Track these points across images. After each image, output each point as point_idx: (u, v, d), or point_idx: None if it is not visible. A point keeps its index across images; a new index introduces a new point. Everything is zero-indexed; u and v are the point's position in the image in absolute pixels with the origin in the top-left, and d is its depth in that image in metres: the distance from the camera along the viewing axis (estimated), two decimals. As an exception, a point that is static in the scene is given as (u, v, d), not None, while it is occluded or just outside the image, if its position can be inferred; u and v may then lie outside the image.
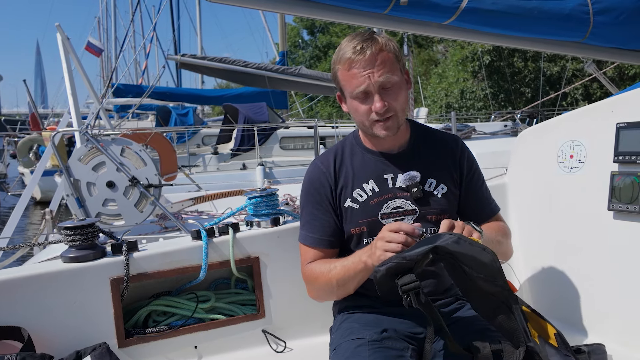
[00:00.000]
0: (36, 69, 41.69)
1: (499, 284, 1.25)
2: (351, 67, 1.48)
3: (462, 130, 6.41)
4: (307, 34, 35.87)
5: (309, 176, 1.68)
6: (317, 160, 1.70)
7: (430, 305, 1.27)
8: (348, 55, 1.48)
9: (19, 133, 15.52)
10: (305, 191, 1.68)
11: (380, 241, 1.36)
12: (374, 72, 1.47)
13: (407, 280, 1.23)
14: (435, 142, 1.68)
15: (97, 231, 1.76)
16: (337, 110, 28.98)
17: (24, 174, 13.36)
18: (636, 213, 1.67)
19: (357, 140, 1.68)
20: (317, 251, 1.64)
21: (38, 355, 1.47)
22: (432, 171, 1.62)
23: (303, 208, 1.69)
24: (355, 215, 1.59)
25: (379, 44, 1.48)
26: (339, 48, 1.54)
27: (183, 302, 1.86)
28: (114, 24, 31.99)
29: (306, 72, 10.05)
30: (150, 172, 4.07)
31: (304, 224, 1.68)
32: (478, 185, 1.71)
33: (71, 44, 5.23)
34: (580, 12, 2.43)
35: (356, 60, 1.47)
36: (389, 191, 1.59)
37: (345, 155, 1.66)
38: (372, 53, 1.46)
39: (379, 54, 1.47)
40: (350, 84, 1.50)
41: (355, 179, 1.61)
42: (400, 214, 1.58)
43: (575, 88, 18.67)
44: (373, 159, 1.63)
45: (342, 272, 1.52)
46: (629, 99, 1.79)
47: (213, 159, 11.27)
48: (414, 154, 1.64)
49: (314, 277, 1.61)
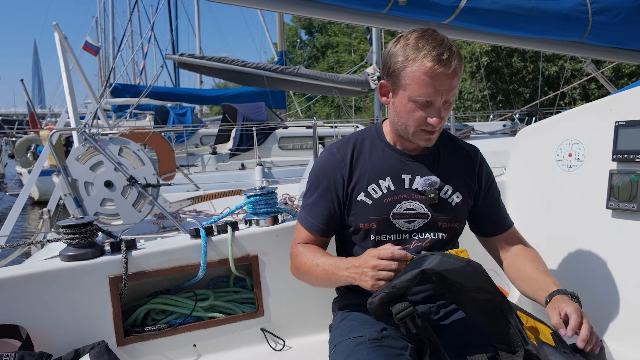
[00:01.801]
0: (33, 69, 41.54)
1: (490, 291, 1.27)
2: (430, 76, 1.40)
3: (461, 130, 6.41)
4: (305, 34, 35.88)
5: (322, 161, 1.65)
6: (333, 147, 1.66)
7: (427, 329, 1.32)
8: (430, 62, 1.39)
9: (16, 133, 15.48)
10: (314, 174, 1.65)
11: (372, 270, 1.34)
12: (448, 90, 1.42)
13: (401, 307, 1.28)
14: (455, 150, 1.67)
15: (95, 230, 1.75)
16: (335, 110, 29.00)
17: (21, 173, 13.35)
18: (634, 211, 1.67)
19: (379, 134, 1.64)
20: (310, 235, 1.64)
21: (37, 354, 1.46)
22: (449, 178, 1.60)
23: (309, 189, 1.66)
24: (367, 210, 1.57)
25: (459, 57, 1.42)
26: (415, 44, 1.43)
27: (182, 300, 1.86)
28: (112, 23, 31.90)
29: (305, 72, 10.05)
30: (148, 172, 4.07)
31: (305, 205, 1.67)
32: (495, 197, 1.70)
33: (69, 43, 5.22)
34: (579, 11, 2.44)
35: (439, 72, 1.39)
36: (404, 192, 1.57)
37: (364, 147, 1.63)
38: (454, 67, 1.40)
39: (458, 69, 1.42)
40: (420, 89, 1.42)
41: (372, 173, 1.59)
42: (412, 217, 1.57)
43: (573, 88, 18.71)
44: (393, 157, 1.60)
45: (324, 275, 1.53)
46: (627, 98, 1.79)
47: (211, 158, 11.27)
48: (434, 159, 1.62)
49: (298, 260, 1.62)
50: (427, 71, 1.40)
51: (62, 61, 5.04)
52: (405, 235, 1.58)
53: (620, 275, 1.73)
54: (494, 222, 1.69)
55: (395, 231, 1.57)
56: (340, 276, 1.46)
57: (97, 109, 5.24)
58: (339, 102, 13.18)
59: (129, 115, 19.21)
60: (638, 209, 1.66)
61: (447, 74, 1.40)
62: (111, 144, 4.07)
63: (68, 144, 8.87)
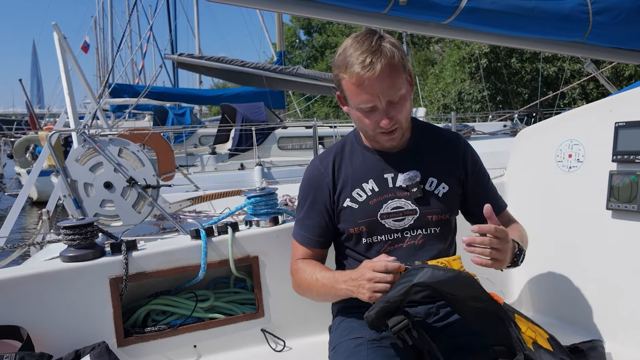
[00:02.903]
0: (32, 69, 41.46)
1: (484, 300, 1.28)
2: (359, 84, 1.41)
3: (461, 130, 6.41)
4: (303, 34, 35.89)
5: (308, 175, 1.68)
6: (316, 160, 1.69)
7: (424, 339, 1.32)
8: (356, 70, 1.39)
9: (15, 133, 15.45)
10: (302, 189, 1.68)
11: (369, 283, 1.35)
12: (383, 91, 1.41)
13: (396, 321, 1.30)
14: (436, 140, 1.67)
15: (96, 230, 1.75)
16: (334, 110, 29.01)
17: (20, 174, 13.31)
18: (634, 212, 1.67)
19: (357, 139, 1.66)
20: (307, 249, 1.66)
21: (37, 355, 1.46)
22: (433, 170, 1.60)
23: (299, 204, 1.69)
24: (355, 215, 1.59)
25: (387, 56, 1.39)
26: (344, 52, 1.45)
27: (182, 301, 1.86)
28: (111, 23, 31.82)
29: (304, 72, 10.06)
30: (148, 173, 4.06)
31: (298, 220, 1.70)
32: (484, 181, 1.70)
33: (68, 43, 5.21)
34: (579, 12, 2.45)
35: (365, 77, 1.38)
36: (388, 191, 1.58)
37: (345, 154, 1.65)
38: (381, 68, 1.38)
39: (388, 68, 1.39)
40: (357, 98, 1.44)
41: (354, 178, 1.60)
42: (401, 214, 1.57)
43: (572, 88, 18.73)
44: (373, 158, 1.61)
45: (324, 290, 1.54)
46: (627, 99, 1.79)
47: (211, 159, 11.26)
48: (414, 153, 1.62)
49: (298, 277, 1.64)
50: (356, 80, 1.40)
51: (61, 61, 5.03)
52: (396, 234, 1.58)
53: (620, 276, 1.73)
54: None
55: (386, 231, 1.57)
56: (339, 289, 1.47)
57: (97, 109, 5.22)
58: (337, 102, 13.13)
59: (128, 116, 19.20)
60: (638, 210, 1.66)
61: (375, 77, 1.39)
62: (111, 144, 4.05)
63: (67, 144, 8.85)
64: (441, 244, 1.60)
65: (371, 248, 1.59)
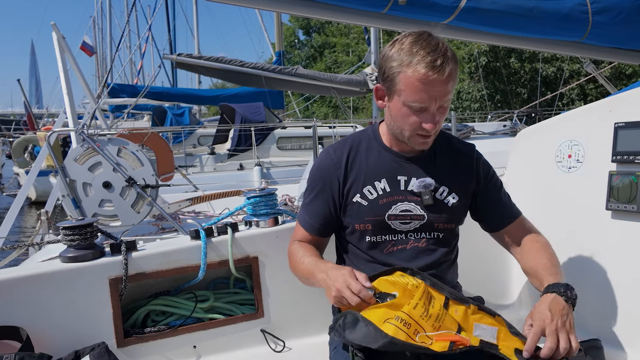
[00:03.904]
0: (31, 69, 41.32)
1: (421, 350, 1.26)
2: (424, 82, 1.39)
3: (461, 130, 6.39)
4: (302, 34, 35.91)
5: (319, 162, 1.67)
6: (330, 149, 1.67)
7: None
8: (423, 69, 1.37)
9: (13, 133, 15.43)
10: (312, 175, 1.68)
11: (337, 292, 1.36)
12: (441, 95, 1.41)
13: None
14: (451, 150, 1.66)
15: (95, 231, 1.75)
16: (333, 110, 29.01)
17: (19, 174, 13.29)
18: (634, 212, 1.68)
19: (375, 136, 1.65)
20: (307, 234, 1.68)
21: (37, 355, 1.46)
22: (445, 179, 1.60)
23: (307, 189, 1.69)
24: (362, 212, 1.58)
25: (452, 60, 1.40)
26: (409, 48, 1.41)
27: (182, 301, 1.86)
28: (109, 23, 31.74)
29: (303, 72, 10.03)
30: (147, 173, 4.05)
31: (303, 204, 1.70)
32: (497, 189, 1.69)
33: (67, 43, 5.20)
34: (579, 11, 2.45)
35: (432, 77, 1.37)
36: (400, 193, 1.58)
37: (360, 148, 1.64)
38: (449, 73, 1.39)
39: (453, 75, 1.40)
40: (414, 95, 1.42)
41: (367, 175, 1.60)
42: (408, 218, 1.57)
43: (571, 88, 18.75)
44: (389, 158, 1.61)
45: (306, 273, 1.56)
46: (627, 99, 1.79)
47: (210, 159, 11.26)
48: (430, 160, 1.62)
49: (290, 257, 1.68)
50: (421, 78, 1.39)
51: (59, 61, 5.01)
52: (401, 235, 1.58)
53: (620, 276, 1.73)
54: (500, 215, 1.68)
55: (391, 232, 1.58)
56: (316, 277, 1.49)
57: (95, 109, 5.21)
58: (336, 102, 13.18)
59: (127, 116, 19.16)
60: (638, 210, 1.66)
61: (441, 80, 1.39)
62: (110, 144, 4.04)
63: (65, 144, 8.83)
64: (443, 249, 1.61)
65: (374, 246, 1.59)
